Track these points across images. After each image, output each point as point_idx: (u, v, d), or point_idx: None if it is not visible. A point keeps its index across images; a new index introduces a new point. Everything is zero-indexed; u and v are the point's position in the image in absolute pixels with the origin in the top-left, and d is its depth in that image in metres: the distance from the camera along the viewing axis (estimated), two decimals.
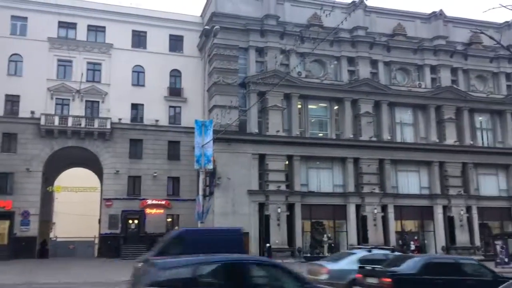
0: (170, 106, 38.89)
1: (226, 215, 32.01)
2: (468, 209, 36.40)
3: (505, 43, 39.98)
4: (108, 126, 36.60)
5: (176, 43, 40.06)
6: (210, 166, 24.51)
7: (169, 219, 37.53)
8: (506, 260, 29.59)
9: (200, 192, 24.52)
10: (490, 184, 38.45)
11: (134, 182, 37.20)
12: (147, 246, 35.27)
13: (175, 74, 39.49)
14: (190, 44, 40.08)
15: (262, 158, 33.60)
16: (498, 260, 29.49)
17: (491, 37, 13.85)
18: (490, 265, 29.66)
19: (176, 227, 37.30)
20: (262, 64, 35.50)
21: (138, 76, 38.79)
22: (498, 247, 29.99)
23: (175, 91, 39.05)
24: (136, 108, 38.29)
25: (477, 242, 36.28)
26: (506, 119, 38.98)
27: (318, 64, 36.77)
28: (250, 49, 35.30)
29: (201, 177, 24.73)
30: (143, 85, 38.63)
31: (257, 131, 34.08)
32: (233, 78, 34.32)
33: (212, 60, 35.16)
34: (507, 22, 41.15)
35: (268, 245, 30.68)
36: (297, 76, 34.84)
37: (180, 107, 39.00)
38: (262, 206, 32.99)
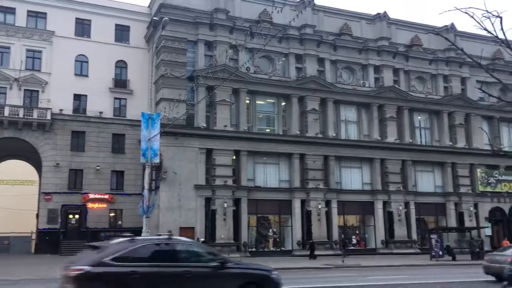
0: (115, 98, 37.85)
1: (172, 209, 31.67)
2: (406, 205, 38.02)
3: (443, 46, 42.34)
4: (48, 117, 35.11)
5: (122, 33, 39.01)
6: (156, 160, 24.08)
7: (112, 214, 36.63)
8: (440, 253, 31.31)
9: (146, 187, 24.06)
10: (426, 181, 40.34)
11: (76, 176, 35.96)
12: (89, 242, 34.32)
13: (121, 65, 38.47)
14: (137, 35, 39.16)
15: (209, 152, 33.46)
16: (433, 253, 31.14)
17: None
18: (426, 257, 31.34)
19: (120, 222, 36.56)
20: (211, 58, 35.28)
21: (82, 65, 37.45)
22: (433, 241, 31.64)
23: (120, 83, 38.05)
24: (79, 99, 36.97)
25: (414, 236, 38.01)
26: (442, 119, 40.98)
27: (266, 60, 37.03)
28: (199, 43, 34.98)
29: (147, 171, 24.26)
30: (87, 76, 37.34)
31: (204, 125, 33.88)
32: (181, 71, 33.89)
33: (159, 52, 34.52)
34: (446, 26, 43.18)
35: (201, 239, 30.19)
36: (245, 71, 34.91)
37: (125, 99, 38.05)
38: (208, 201, 32.88)
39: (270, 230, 34.97)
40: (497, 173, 41.80)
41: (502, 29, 7.78)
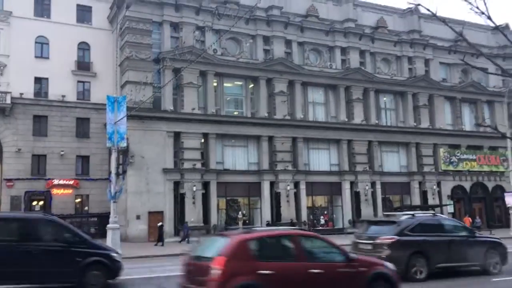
0: (79, 81, 36.74)
1: (140, 194, 31.30)
2: (373, 185, 38.79)
3: (407, 28, 42.96)
4: (8, 101, 33.80)
5: (84, 13, 37.70)
6: (123, 144, 23.62)
7: (78, 200, 35.87)
8: None
9: (113, 171, 23.61)
10: (392, 161, 41.21)
11: (39, 161, 34.91)
12: None
13: (84, 47, 37.27)
14: (99, 16, 37.94)
15: (177, 136, 33.09)
16: None
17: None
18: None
19: (86, 207, 35.89)
20: (177, 40, 34.66)
21: (42, 47, 36.07)
22: None
23: (83, 65, 36.91)
24: (40, 82, 35.69)
25: (380, 215, 38.85)
26: (407, 100, 41.75)
27: (234, 42, 36.66)
28: (165, 24, 34.26)
29: (114, 155, 23.79)
30: (48, 58, 36.01)
31: (172, 108, 33.40)
32: (147, 53, 33.18)
33: (124, 33, 33.65)
34: (409, 8, 43.72)
35: (160, 224, 29.61)
36: (212, 53, 34.48)
37: (89, 82, 36.98)
38: (177, 185, 32.63)
39: (240, 212, 35.01)
40: (459, 152, 43.07)
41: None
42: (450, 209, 41.38)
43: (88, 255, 11.88)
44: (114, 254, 12.67)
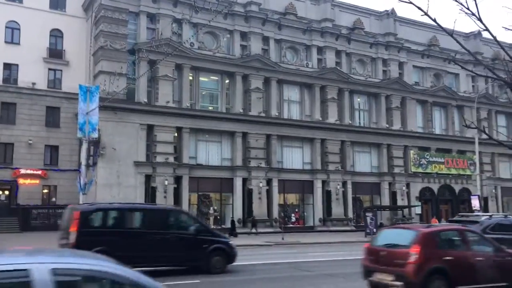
0: (50, 69, 35.83)
1: (110, 186, 30.74)
2: (344, 184, 39.21)
3: (383, 31, 43.55)
4: None
5: (57, 0, 36.74)
6: (95, 135, 23.24)
7: (46, 190, 35.04)
8: (375, 230, 32.55)
9: (83, 162, 23.20)
10: (363, 161, 41.74)
11: (6, 150, 33.95)
12: (20, 219, 32.70)
13: (56, 34, 36.35)
14: (74, 3, 37.06)
15: (150, 128, 32.65)
16: (368, 230, 32.39)
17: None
18: (361, 234, 32.61)
19: (54, 199, 35.08)
20: (154, 32, 34.18)
21: (13, 33, 35.03)
22: (368, 219, 32.89)
23: (55, 53, 36.00)
24: (9, 68, 34.67)
25: (350, 214, 39.39)
26: (380, 101, 42.33)
27: (211, 36, 36.39)
28: (141, 14, 33.72)
29: (84, 146, 23.37)
30: (18, 43, 35.01)
31: (146, 100, 32.93)
32: (122, 43, 32.57)
33: (99, 22, 32.94)
34: (386, 11, 44.33)
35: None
36: (189, 47, 34.13)
37: (61, 70, 36.11)
38: (148, 178, 32.23)
39: (211, 208, 34.92)
40: (428, 154, 43.96)
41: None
42: (418, 210, 42.24)
43: (212, 242, 13.81)
44: (231, 242, 14.63)
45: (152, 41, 33.04)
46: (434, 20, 3.63)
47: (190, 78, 35.09)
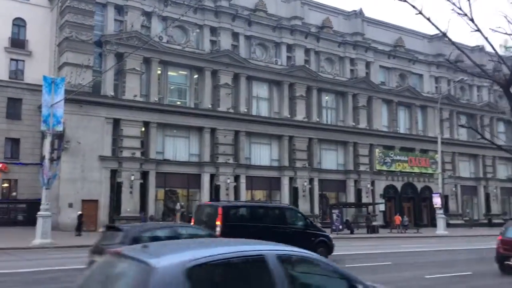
0: (12, 59, 34.61)
1: (74, 181, 30.02)
2: (311, 181, 39.60)
3: (351, 30, 44.13)
4: None
5: None
6: (59, 128, 22.62)
7: (6, 184, 33.89)
8: (340, 227, 33.15)
9: (47, 156, 22.53)
10: (330, 159, 42.26)
11: None
12: None
13: (19, 24, 35.11)
14: None
15: (116, 123, 32.03)
16: (333, 227, 32.86)
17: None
18: (327, 231, 32.98)
19: (14, 193, 33.98)
20: (122, 24, 33.52)
21: None
22: (334, 216, 33.40)
23: (18, 42, 34.79)
24: None
25: (316, 211, 39.82)
26: (347, 100, 42.92)
27: (180, 31, 35.97)
28: (109, 6, 33.00)
29: (48, 139, 22.69)
30: None
31: (112, 94, 32.28)
32: (88, 35, 31.77)
33: (64, 12, 32.04)
34: (354, 11, 44.96)
35: (79, 213, 27.99)
36: (158, 40, 33.64)
37: (23, 61, 34.92)
38: (114, 173, 31.64)
39: (178, 204, 34.59)
40: (393, 153, 44.91)
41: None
42: (382, 207, 43.12)
43: (317, 236, 15.64)
44: (331, 236, 16.81)
45: (120, 33, 32.40)
46: (428, 19, 3.70)
47: (159, 72, 34.61)
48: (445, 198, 42.76)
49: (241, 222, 14.66)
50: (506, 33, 4.15)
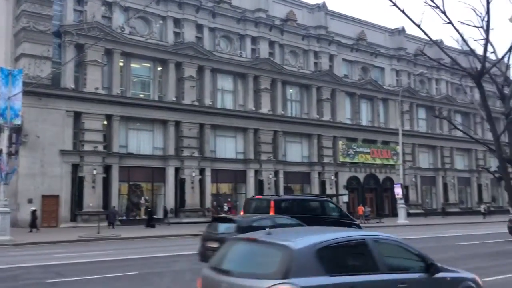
0: None
1: (33, 176, 29.11)
2: (276, 173, 39.84)
3: (314, 24, 44.49)
4: None
5: None
6: (18, 122, 21.94)
7: None
8: None
9: (4, 150, 21.79)
10: (295, 151, 42.62)
11: None
12: None
13: None
14: None
15: (78, 116, 31.21)
16: None
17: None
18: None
19: None
20: (81, 14, 32.58)
21: None
22: None
23: None
24: None
25: None
26: (312, 93, 43.33)
27: (143, 22, 35.29)
28: None
29: (6, 133, 21.93)
30: None
31: (73, 86, 31.39)
32: (47, 25, 30.70)
33: (20, 1, 30.84)
34: (318, 4, 45.31)
35: (32, 209, 26.86)
36: (120, 31, 32.90)
37: None
38: (76, 168, 30.87)
39: (142, 198, 34.14)
40: (355, 145, 45.71)
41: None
42: (345, 198, 43.87)
43: (350, 225, 16.66)
44: (360, 224, 19.00)
45: (80, 24, 31.51)
46: (403, 11, 3.72)
47: (121, 64, 33.89)
48: (405, 189, 43.98)
49: (290, 213, 15.43)
50: (474, 26, 4.26)
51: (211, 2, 38.42)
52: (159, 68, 35.84)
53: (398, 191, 38.00)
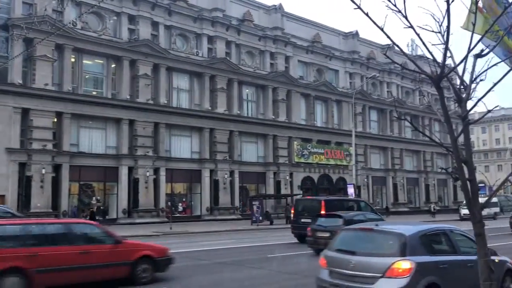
0: None
1: None
2: (231, 173, 39.81)
3: (271, 25, 44.83)
4: None
5: None
6: None
7: None
8: (260, 218, 33.73)
9: None
10: (250, 151, 42.75)
11: None
12: None
13: None
14: None
15: (25, 112, 29.99)
16: (254, 218, 33.40)
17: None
18: (247, 223, 33.50)
19: None
20: (31, 7, 31.33)
21: None
22: (254, 207, 33.87)
23: None
24: None
25: (237, 203, 40.19)
26: (268, 93, 43.60)
27: (96, 17, 34.36)
28: None
29: None
30: None
31: (20, 82, 30.11)
32: None
33: None
34: (274, 5, 45.67)
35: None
36: (72, 26, 31.85)
37: None
38: (23, 166, 29.64)
39: (94, 198, 33.20)
40: (310, 146, 46.39)
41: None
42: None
43: (377, 219, 16.98)
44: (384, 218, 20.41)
45: (29, 17, 30.26)
46: (367, 14, 3.81)
47: (73, 60, 32.85)
48: (358, 189, 45.05)
49: (334, 210, 18.43)
50: (433, 31, 4.42)
51: None
52: (113, 65, 35.00)
53: (350, 191, 38.90)
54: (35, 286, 8.87)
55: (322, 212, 18.70)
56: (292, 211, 22.32)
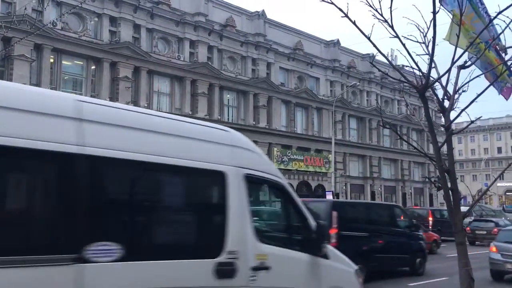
0: None
1: None
2: None
3: (253, 31, 44.97)
4: None
5: None
6: None
7: None
8: None
9: None
10: None
11: None
12: None
13: None
14: None
15: None
16: None
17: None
18: None
19: None
20: (10, 6, 30.75)
21: None
22: None
23: None
24: None
25: None
26: (249, 99, 43.63)
27: (76, 18, 33.90)
28: None
29: None
30: None
31: None
32: None
33: None
34: (257, 12, 45.85)
35: None
36: (51, 26, 31.33)
37: None
38: None
39: None
40: (290, 152, 46.51)
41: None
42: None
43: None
44: None
45: (8, 16, 29.63)
46: (354, 23, 3.85)
47: (51, 60, 32.33)
48: (336, 196, 45.30)
49: None
50: (417, 41, 4.50)
51: (150, 2, 37.69)
52: (93, 67, 34.57)
53: (329, 198, 39.05)
54: None
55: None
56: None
